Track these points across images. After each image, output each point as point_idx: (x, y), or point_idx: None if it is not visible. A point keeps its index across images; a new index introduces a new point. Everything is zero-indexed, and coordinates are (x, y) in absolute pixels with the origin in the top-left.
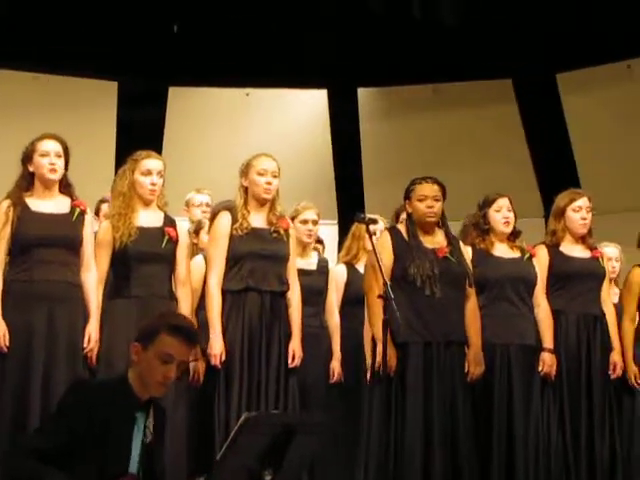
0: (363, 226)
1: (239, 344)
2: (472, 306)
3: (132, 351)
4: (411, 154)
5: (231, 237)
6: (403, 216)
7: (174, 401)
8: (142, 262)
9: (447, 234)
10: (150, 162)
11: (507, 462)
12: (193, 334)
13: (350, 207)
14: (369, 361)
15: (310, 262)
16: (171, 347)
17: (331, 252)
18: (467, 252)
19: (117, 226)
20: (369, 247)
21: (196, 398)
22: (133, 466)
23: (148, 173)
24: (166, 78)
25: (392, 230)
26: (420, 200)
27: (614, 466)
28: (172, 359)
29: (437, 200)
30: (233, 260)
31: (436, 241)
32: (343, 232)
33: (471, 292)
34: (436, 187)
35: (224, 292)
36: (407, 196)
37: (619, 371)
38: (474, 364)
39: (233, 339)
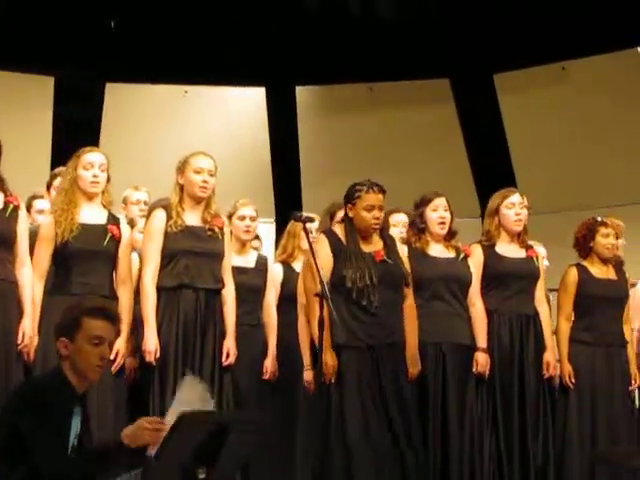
0: (298, 224)
1: (174, 341)
2: (409, 306)
3: (60, 347)
4: (348, 153)
5: (166, 234)
6: (340, 214)
7: (108, 398)
8: (83, 259)
9: (383, 235)
10: (92, 156)
11: (442, 462)
12: (112, 312)
13: (287, 205)
14: (306, 361)
15: (248, 260)
16: (98, 329)
17: (268, 250)
18: (403, 250)
19: (59, 221)
20: (305, 246)
21: (131, 395)
22: None
23: (90, 166)
24: (103, 74)
25: (329, 233)
26: (367, 210)
27: (546, 467)
28: (103, 340)
29: (382, 209)
30: (168, 257)
31: (373, 244)
32: (280, 230)
33: (408, 292)
34: (381, 196)
35: (159, 289)
36: (350, 200)
37: (552, 370)
38: (411, 364)
39: (168, 336)
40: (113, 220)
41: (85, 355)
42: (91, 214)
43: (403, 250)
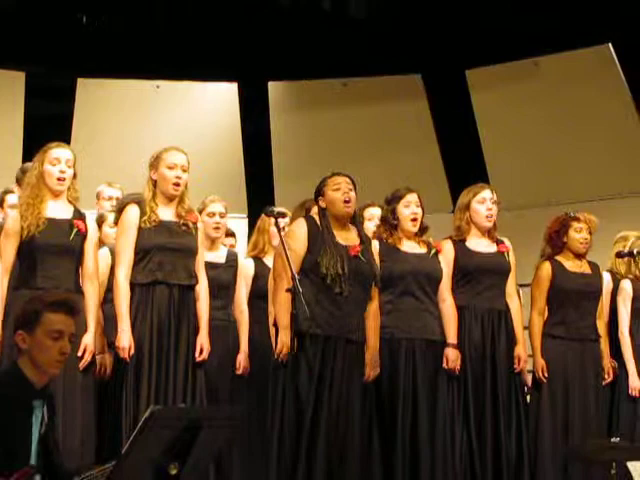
0: (269, 220)
1: (148, 337)
2: (374, 307)
3: (18, 340)
4: (321, 148)
5: (139, 230)
6: (314, 210)
7: (76, 395)
8: (49, 254)
9: (360, 233)
10: (58, 151)
11: (412, 459)
12: (73, 305)
13: (260, 201)
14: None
15: (219, 255)
16: (58, 323)
17: (241, 246)
18: (376, 249)
19: (25, 216)
20: (276, 242)
21: (105, 391)
22: (32, 457)
23: (57, 162)
24: (75, 69)
25: (308, 219)
26: (335, 190)
27: (520, 463)
28: (63, 334)
29: (351, 190)
30: (141, 253)
31: (349, 238)
32: (253, 226)
33: (376, 294)
34: (348, 179)
35: (132, 285)
36: (320, 192)
37: (523, 365)
38: (370, 366)
39: (142, 332)
40: (79, 215)
41: (45, 349)
42: (57, 209)
43: (376, 248)
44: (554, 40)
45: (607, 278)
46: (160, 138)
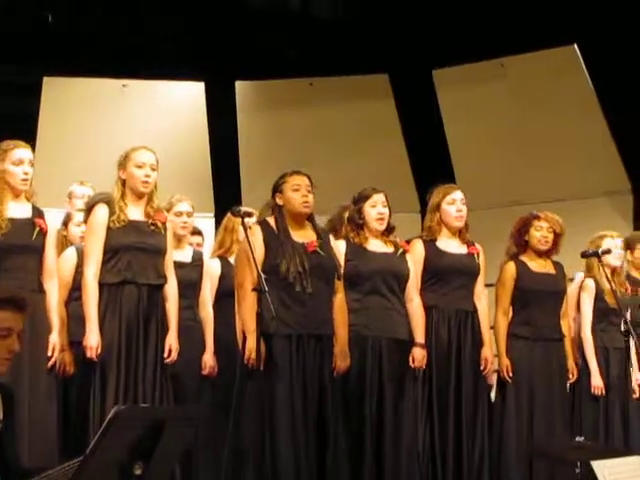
0: (235, 219)
1: (116, 337)
2: (340, 300)
3: None
4: (288, 148)
5: (108, 229)
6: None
7: (44, 393)
8: (12, 254)
9: (316, 228)
10: (21, 151)
11: (377, 458)
12: (21, 301)
13: (227, 200)
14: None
15: (185, 255)
16: (6, 320)
17: (208, 245)
18: (336, 246)
19: None
20: (246, 244)
21: (66, 391)
22: None
23: (20, 162)
24: (41, 68)
25: (262, 223)
26: (295, 190)
27: (482, 463)
28: (11, 332)
29: (309, 192)
30: (110, 253)
31: (306, 235)
32: (220, 225)
33: (339, 286)
34: (307, 179)
35: (101, 285)
36: (277, 189)
37: (490, 366)
38: (340, 358)
39: (110, 332)
40: (38, 213)
41: None
42: (17, 208)
43: (336, 245)
44: (520, 41)
45: (580, 278)
46: (127, 137)
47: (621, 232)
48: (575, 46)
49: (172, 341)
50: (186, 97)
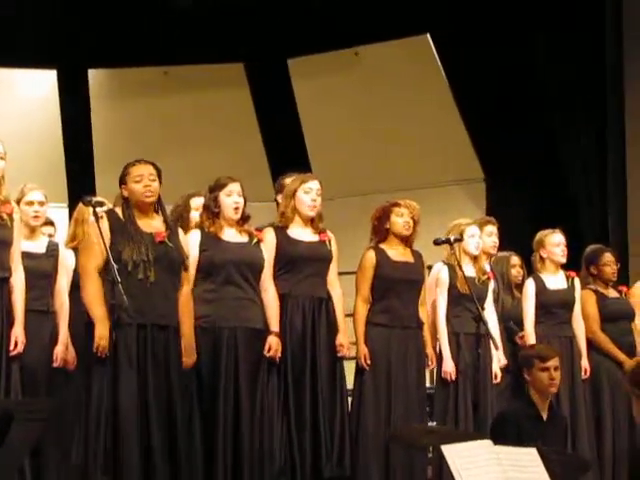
0: (86, 210)
1: None
2: (186, 293)
3: None
4: (142, 136)
5: None
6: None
7: None
8: None
9: (165, 219)
10: None
11: (233, 448)
12: None
13: (80, 190)
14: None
15: (39, 245)
16: None
17: (61, 235)
18: (184, 237)
19: None
20: (94, 230)
21: None
22: None
23: None
24: None
25: (109, 212)
26: (137, 182)
27: (342, 451)
28: None
29: (153, 180)
30: None
31: (154, 226)
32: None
33: (186, 278)
34: (151, 167)
35: None
36: (122, 181)
37: (345, 352)
38: (186, 354)
39: None
40: None
41: None
42: None
43: (185, 237)
44: (374, 30)
45: (438, 267)
46: None
47: (475, 219)
48: (428, 35)
49: (18, 333)
50: (38, 85)
